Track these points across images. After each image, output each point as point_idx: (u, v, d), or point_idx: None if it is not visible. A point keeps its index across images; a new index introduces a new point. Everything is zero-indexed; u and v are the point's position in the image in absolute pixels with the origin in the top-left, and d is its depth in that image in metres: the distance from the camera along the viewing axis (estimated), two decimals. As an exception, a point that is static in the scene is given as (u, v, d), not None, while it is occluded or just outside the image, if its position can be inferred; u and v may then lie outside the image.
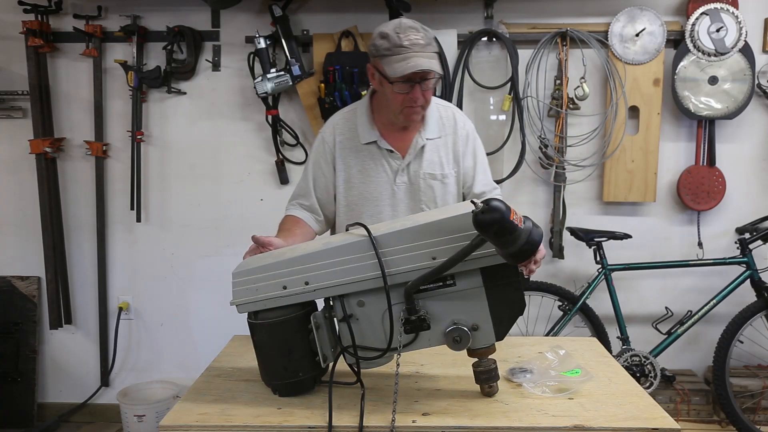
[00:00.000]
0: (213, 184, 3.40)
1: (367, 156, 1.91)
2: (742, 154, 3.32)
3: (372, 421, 1.33)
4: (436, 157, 1.92)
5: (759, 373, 3.28)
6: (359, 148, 1.92)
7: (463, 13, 3.23)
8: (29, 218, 3.40)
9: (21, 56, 3.24)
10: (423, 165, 1.91)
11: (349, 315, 1.40)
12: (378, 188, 1.91)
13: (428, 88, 1.79)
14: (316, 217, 1.98)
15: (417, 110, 1.82)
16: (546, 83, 3.22)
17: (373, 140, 1.90)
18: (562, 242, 3.29)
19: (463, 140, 1.96)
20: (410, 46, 1.71)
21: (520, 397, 1.45)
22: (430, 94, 1.82)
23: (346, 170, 1.93)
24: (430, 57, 1.73)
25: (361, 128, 1.92)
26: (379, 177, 1.91)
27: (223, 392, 1.51)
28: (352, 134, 1.93)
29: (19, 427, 3.38)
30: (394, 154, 1.90)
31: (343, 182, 1.94)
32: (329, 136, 1.96)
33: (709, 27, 3.09)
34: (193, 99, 3.35)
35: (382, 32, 1.76)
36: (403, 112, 1.82)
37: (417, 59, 1.70)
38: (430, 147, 1.92)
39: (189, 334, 3.50)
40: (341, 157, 1.93)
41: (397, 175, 1.91)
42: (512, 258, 1.25)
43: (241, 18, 3.27)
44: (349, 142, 1.93)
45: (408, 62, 1.70)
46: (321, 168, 1.97)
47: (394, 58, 1.72)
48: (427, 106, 1.86)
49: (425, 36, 1.74)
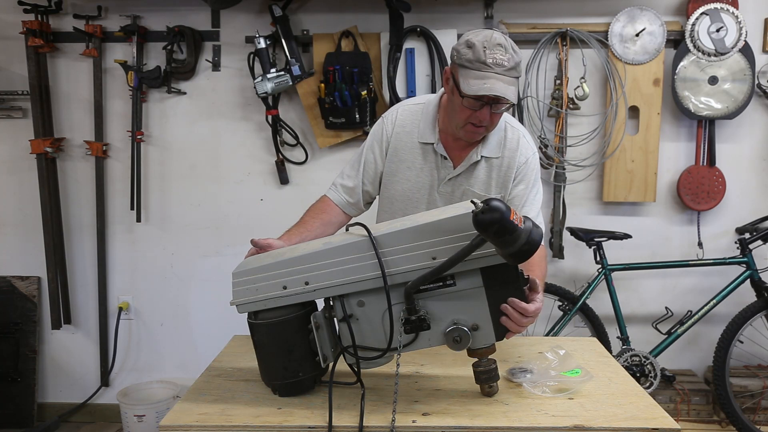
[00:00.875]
0: (213, 184, 3.40)
1: (420, 155, 1.88)
2: (742, 154, 3.32)
3: (372, 421, 1.33)
4: (485, 176, 1.86)
5: (759, 373, 3.28)
6: (415, 145, 1.88)
7: (463, 13, 3.23)
8: (29, 218, 3.40)
9: (21, 56, 3.24)
10: (470, 180, 1.86)
11: (349, 315, 1.40)
12: (420, 190, 1.89)
13: (498, 111, 1.72)
14: (352, 202, 1.94)
15: (480, 131, 1.76)
16: (546, 83, 3.22)
17: (431, 142, 1.86)
18: (562, 242, 3.29)
19: (520, 166, 1.86)
20: (493, 66, 1.62)
21: (520, 397, 1.45)
22: (498, 118, 1.76)
23: (395, 162, 1.90)
24: (509, 83, 1.64)
25: (423, 126, 1.88)
26: (425, 179, 1.88)
27: (223, 392, 1.51)
28: (413, 129, 1.89)
29: (19, 427, 3.38)
30: (446, 161, 1.86)
31: (389, 173, 1.91)
32: (390, 124, 1.92)
33: (709, 27, 3.09)
34: (193, 99, 3.35)
35: (469, 41, 1.66)
36: (465, 128, 1.75)
37: (495, 82, 1.62)
38: (484, 165, 1.86)
39: (189, 334, 3.50)
40: (395, 149, 1.90)
41: (442, 183, 1.87)
42: (512, 258, 1.25)
43: (241, 18, 3.27)
44: (407, 135, 1.89)
45: (485, 82, 1.62)
46: (374, 152, 1.93)
47: (472, 73, 1.64)
48: (492, 129, 1.79)
49: (511, 59, 1.64)
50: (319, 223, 1.89)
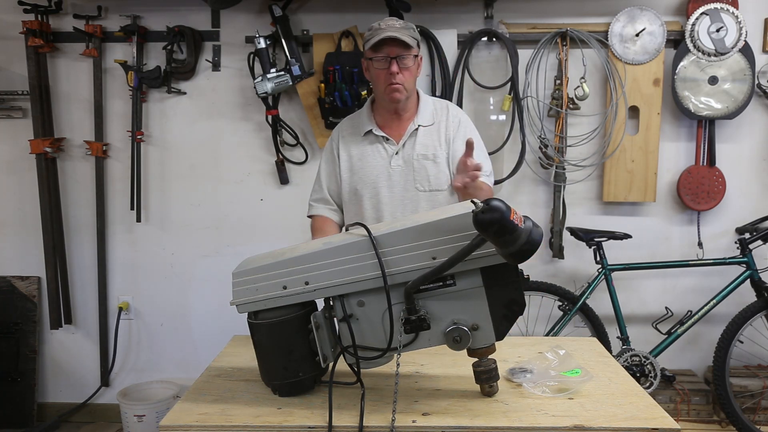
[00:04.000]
0: (213, 184, 3.40)
1: (365, 143, 2.14)
2: (742, 154, 3.32)
3: (372, 421, 1.33)
4: (429, 141, 2.10)
5: (759, 373, 3.28)
6: (359, 139, 2.15)
7: (463, 13, 3.23)
8: (29, 218, 3.40)
9: (21, 56, 3.24)
10: (416, 147, 2.09)
11: (349, 315, 1.40)
12: (375, 171, 2.10)
13: (405, 66, 1.98)
14: (331, 208, 2.19)
15: (397, 88, 1.99)
16: (546, 83, 3.22)
17: (370, 129, 2.12)
18: (562, 242, 3.29)
19: (455, 126, 2.12)
20: (386, 27, 1.96)
21: (520, 397, 1.45)
22: (409, 74, 2.01)
23: (348, 159, 2.15)
24: (402, 33, 1.95)
25: (361, 122, 2.17)
26: (376, 161, 2.11)
27: (223, 392, 1.51)
28: (354, 129, 2.18)
29: (19, 427, 3.38)
30: (389, 141, 2.11)
31: (346, 169, 2.14)
32: (335, 135, 2.21)
33: (709, 27, 3.09)
34: (193, 99, 3.35)
35: (368, 27, 2.03)
36: (386, 92, 2.01)
37: (388, 32, 1.94)
38: (423, 132, 2.10)
39: (189, 334, 3.50)
40: (344, 149, 2.16)
41: (392, 158, 2.10)
42: (512, 258, 1.25)
43: (241, 18, 3.27)
44: (350, 136, 2.17)
45: (381, 35, 1.95)
46: (330, 162, 2.19)
47: (372, 38, 1.97)
48: (408, 86, 2.02)
49: (404, 23, 2.00)
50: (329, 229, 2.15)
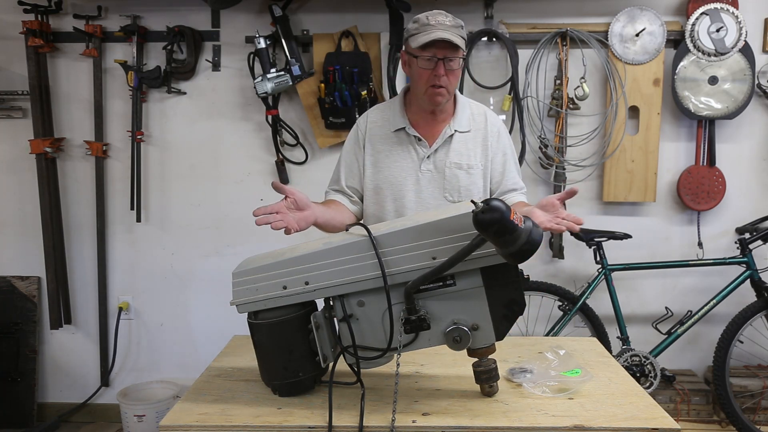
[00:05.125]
0: (213, 184, 3.40)
1: (395, 142, 1.98)
2: (742, 154, 3.32)
3: (372, 421, 1.33)
4: (464, 148, 1.96)
5: (759, 373, 3.28)
6: (389, 135, 1.99)
7: (463, 13, 3.19)
8: (29, 218, 3.40)
9: (21, 56, 3.24)
10: (450, 154, 1.95)
11: (349, 315, 1.40)
12: (403, 173, 1.96)
13: (452, 68, 1.84)
14: (351, 199, 2.05)
15: (441, 91, 1.85)
16: (546, 83, 3.22)
17: (402, 127, 1.96)
18: (562, 242, 3.29)
19: (494, 137, 1.99)
20: (435, 24, 1.81)
21: (520, 397, 1.45)
22: (454, 78, 1.86)
23: (374, 154, 2.00)
24: (453, 34, 1.80)
25: (392, 117, 2.00)
26: (405, 162, 1.96)
27: (223, 392, 1.51)
28: (384, 122, 2.01)
29: (19, 427, 3.38)
30: (422, 141, 1.96)
31: (370, 165, 2.00)
32: (362, 123, 2.05)
33: (709, 27, 3.09)
34: (193, 99, 3.35)
35: (414, 18, 1.87)
36: (427, 93, 1.86)
37: (440, 32, 1.79)
38: (459, 138, 1.96)
39: (189, 334, 3.50)
40: (371, 142, 2.00)
41: (423, 161, 1.95)
42: (512, 258, 1.25)
43: (241, 18, 3.27)
44: (379, 129, 2.01)
45: (430, 35, 1.79)
46: (353, 153, 2.03)
47: (419, 35, 1.81)
48: (451, 89, 1.89)
49: (452, 21, 1.84)
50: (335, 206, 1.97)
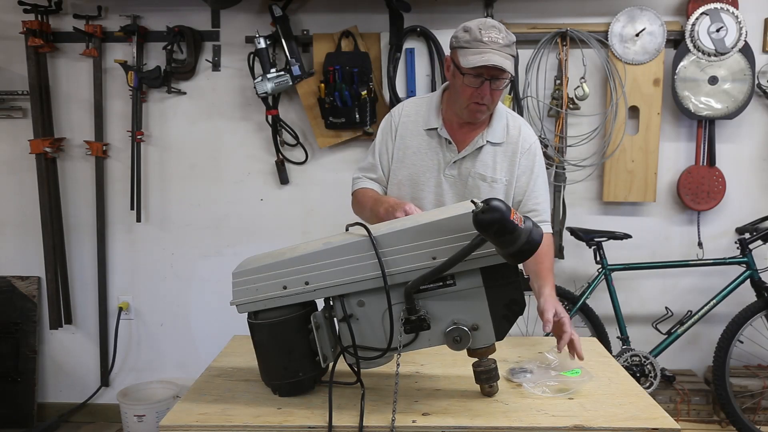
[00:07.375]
0: (213, 184, 3.40)
1: (425, 140, 1.95)
2: (742, 154, 3.32)
3: (372, 421, 1.33)
4: (491, 161, 1.92)
5: (759, 373, 3.28)
6: (420, 132, 1.96)
7: (463, 13, 3.22)
8: (29, 218, 3.40)
9: (21, 56, 3.24)
10: (476, 164, 1.92)
11: (349, 315, 1.40)
12: (426, 173, 1.95)
13: (498, 88, 1.80)
14: (384, 189, 2.03)
15: (482, 108, 1.83)
16: (546, 83, 3.22)
17: (435, 127, 1.94)
18: (562, 242, 3.29)
19: (525, 154, 1.94)
20: (488, 43, 1.74)
21: (520, 397, 1.46)
22: (498, 95, 1.84)
23: (402, 149, 1.97)
24: (505, 57, 1.75)
25: (427, 114, 1.97)
26: (431, 162, 1.94)
27: (223, 392, 1.51)
28: (417, 117, 1.98)
29: (19, 427, 3.38)
30: (451, 145, 1.93)
31: (397, 159, 1.98)
32: (396, 114, 2.02)
33: (709, 27, 3.09)
34: (193, 99, 3.35)
35: (466, 26, 1.80)
36: (468, 107, 1.84)
37: (492, 55, 1.73)
38: (489, 150, 1.92)
39: (189, 334, 3.50)
40: (401, 136, 1.98)
41: (448, 166, 1.93)
42: (512, 258, 1.25)
43: (241, 18, 3.27)
44: (412, 124, 1.98)
45: (482, 56, 1.73)
46: (385, 143, 2.01)
47: (470, 51, 1.76)
48: (492, 107, 1.87)
49: (505, 38, 1.77)
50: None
